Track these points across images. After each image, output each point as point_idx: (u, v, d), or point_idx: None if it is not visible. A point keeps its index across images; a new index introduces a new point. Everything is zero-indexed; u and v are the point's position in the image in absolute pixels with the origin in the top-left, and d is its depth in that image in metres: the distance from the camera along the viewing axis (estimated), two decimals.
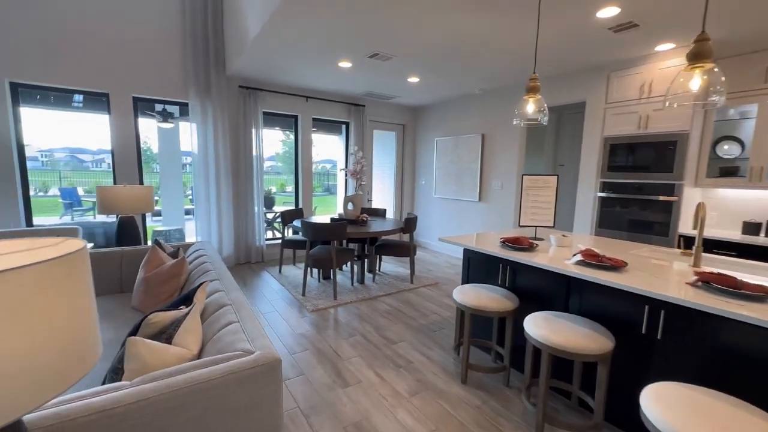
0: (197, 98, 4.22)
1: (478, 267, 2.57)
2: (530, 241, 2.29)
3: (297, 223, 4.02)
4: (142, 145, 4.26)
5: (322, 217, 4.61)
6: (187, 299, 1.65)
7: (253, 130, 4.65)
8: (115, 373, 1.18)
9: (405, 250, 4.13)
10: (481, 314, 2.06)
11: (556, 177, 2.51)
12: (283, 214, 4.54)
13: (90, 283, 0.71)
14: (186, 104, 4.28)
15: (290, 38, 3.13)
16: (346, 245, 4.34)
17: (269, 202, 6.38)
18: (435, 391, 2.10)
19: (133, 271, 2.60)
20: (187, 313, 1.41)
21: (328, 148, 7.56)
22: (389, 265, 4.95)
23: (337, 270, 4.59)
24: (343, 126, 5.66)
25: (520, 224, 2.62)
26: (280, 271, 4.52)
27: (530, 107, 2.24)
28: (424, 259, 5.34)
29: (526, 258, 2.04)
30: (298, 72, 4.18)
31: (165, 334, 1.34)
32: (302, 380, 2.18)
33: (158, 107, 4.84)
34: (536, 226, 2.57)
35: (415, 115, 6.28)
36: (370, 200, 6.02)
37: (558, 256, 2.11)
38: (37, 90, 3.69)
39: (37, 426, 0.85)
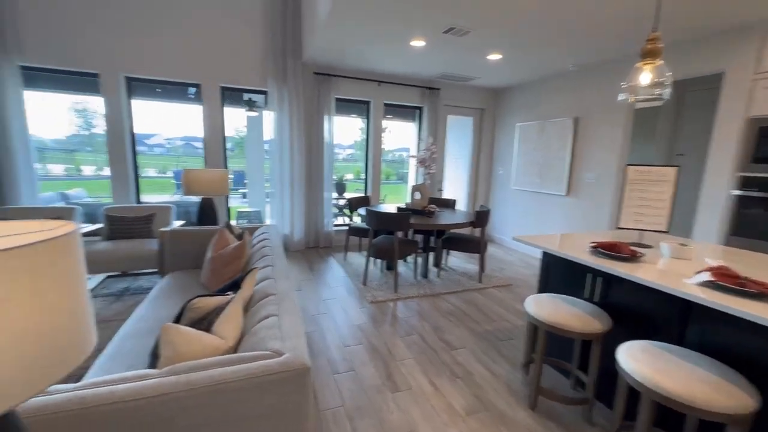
0: (275, 86, 4.38)
1: (559, 274, 2.17)
2: (632, 248, 1.82)
3: (362, 210, 3.96)
4: (237, 133, 4.59)
5: (389, 206, 4.49)
6: (236, 285, 1.64)
7: (326, 117, 4.68)
8: (154, 357, 1.18)
9: (475, 246, 3.79)
10: (559, 333, 1.71)
11: (675, 168, 1.96)
12: (351, 201, 4.52)
13: (79, 272, 0.63)
14: (265, 92, 4.47)
15: (360, 12, 2.98)
16: (412, 236, 4.16)
17: (341, 188, 6.49)
18: (496, 414, 1.82)
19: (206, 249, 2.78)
20: (230, 301, 1.37)
21: (402, 135, 7.39)
22: (457, 260, 4.64)
23: (400, 262, 4.45)
24: (417, 111, 5.41)
25: (620, 226, 2.12)
26: (345, 257, 4.54)
27: (645, 78, 1.75)
28: (497, 257, 4.90)
29: (626, 270, 1.61)
30: (369, 54, 4.05)
31: (206, 321, 1.31)
32: (351, 377, 2.09)
33: (245, 96, 5.17)
34: (642, 230, 2.05)
35: (494, 98, 5.73)
36: (440, 190, 5.72)
37: (673, 270, 1.63)
38: (148, 83, 4.18)
39: (61, 409, 0.84)
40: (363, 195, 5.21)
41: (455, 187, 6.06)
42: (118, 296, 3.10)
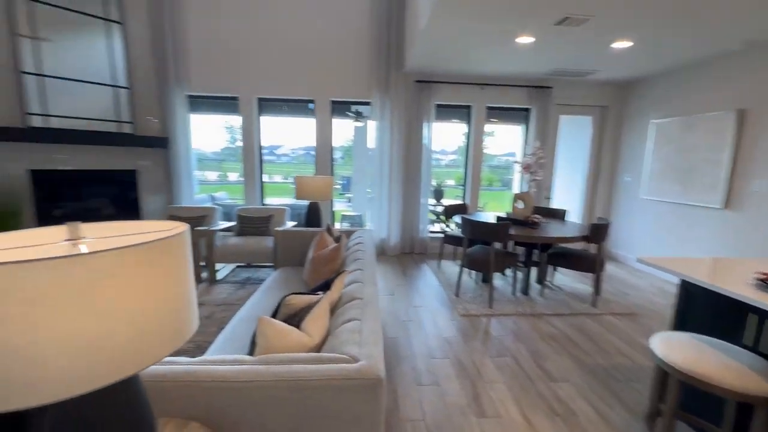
0: (378, 96, 4.59)
1: (705, 310, 1.71)
2: None
3: (458, 218, 3.83)
4: (346, 142, 5.03)
5: (488, 215, 4.25)
6: (327, 285, 1.74)
7: (425, 123, 4.71)
8: (253, 344, 1.33)
9: (589, 264, 3.29)
10: (701, 386, 1.34)
11: None
12: (447, 209, 4.43)
13: (185, 265, 0.74)
14: (369, 103, 4.73)
15: (463, 15, 2.90)
16: (512, 248, 3.84)
17: (438, 195, 6.42)
18: None
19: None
20: (318, 301, 1.46)
21: (508, 139, 6.96)
22: (566, 278, 4.11)
23: (498, 275, 4.15)
24: (525, 113, 5.01)
25: None
26: (439, 265, 4.46)
27: None
28: (619, 278, 4.17)
29: None
30: (472, 57, 3.91)
31: (297, 317, 1.43)
32: (435, 391, 2.02)
33: (353, 108, 5.58)
34: None
35: (620, 93, 4.92)
36: (548, 198, 5.16)
37: None
38: (274, 102, 4.85)
39: (176, 379, 1.01)
40: (460, 202, 5.06)
41: (567, 196, 5.39)
42: (242, 284, 3.65)
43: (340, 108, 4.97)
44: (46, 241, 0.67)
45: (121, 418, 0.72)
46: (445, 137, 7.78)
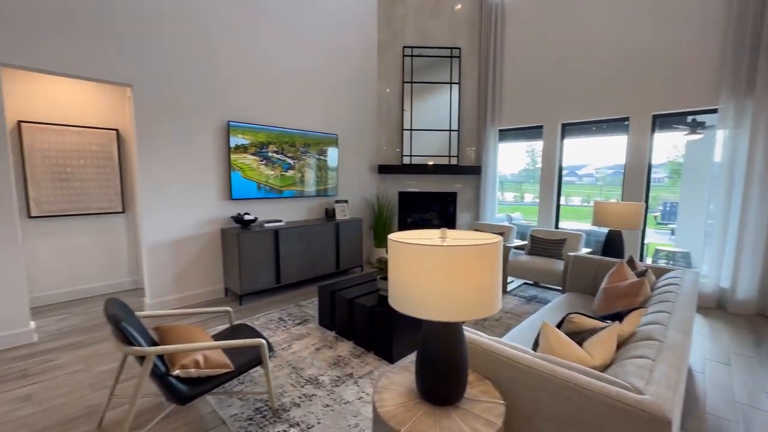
0: (730, 100, 3.48)
1: None
2: None
3: None
4: (671, 160, 4.29)
5: None
6: (617, 317, 1.68)
7: None
8: (536, 344, 1.55)
9: None
10: None
11: None
12: None
13: (497, 264, 1.11)
14: (714, 110, 3.67)
15: None
16: None
17: None
18: None
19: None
20: (606, 327, 1.48)
21: None
22: None
23: None
24: None
25: None
26: None
27: None
28: None
29: None
30: None
31: (579, 336, 1.52)
32: None
33: (689, 119, 4.51)
34: None
35: None
36: None
37: None
38: (581, 125, 4.78)
39: (478, 345, 1.41)
40: None
41: None
42: (528, 300, 3.89)
43: (665, 120, 4.15)
44: (431, 236, 1.23)
45: (458, 347, 1.18)
46: None
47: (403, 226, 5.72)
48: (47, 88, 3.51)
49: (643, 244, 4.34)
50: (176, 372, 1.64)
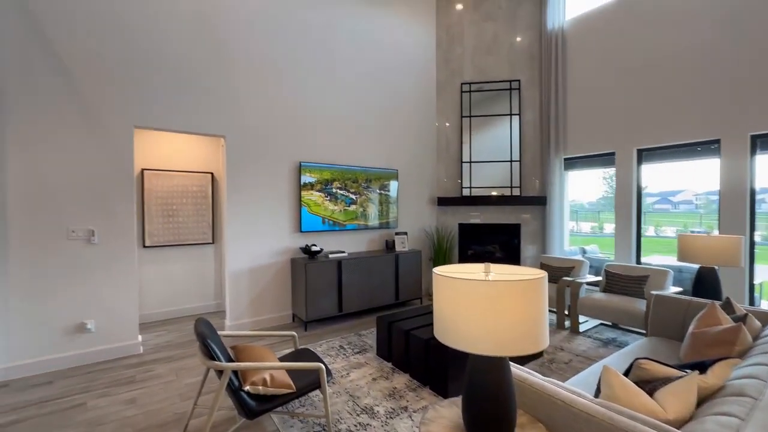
0: None
1: None
2: None
3: None
4: None
5: None
6: (701, 366, 1.49)
7: None
8: (598, 390, 1.44)
9: None
10: None
11: None
12: None
13: (541, 300, 1.11)
14: None
15: None
16: None
17: None
18: None
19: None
20: (683, 377, 1.33)
21: None
22: None
23: None
24: None
25: None
26: None
27: None
28: None
29: None
30: None
31: (650, 385, 1.38)
32: None
33: None
34: None
35: None
36: None
37: None
38: (657, 150, 4.38)
39: (530, 385, 1.36)
40: None
41: None
42: (605, 343, 3.51)
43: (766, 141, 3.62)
44: (475, 270, 1.28)
45: (504, 384, 1.18)
46: None
47: (464, 258, 5.62)
48: (162, 141, 4.33)
49: (750, 284, 3.69)
50: (247, 388, 1.83)
